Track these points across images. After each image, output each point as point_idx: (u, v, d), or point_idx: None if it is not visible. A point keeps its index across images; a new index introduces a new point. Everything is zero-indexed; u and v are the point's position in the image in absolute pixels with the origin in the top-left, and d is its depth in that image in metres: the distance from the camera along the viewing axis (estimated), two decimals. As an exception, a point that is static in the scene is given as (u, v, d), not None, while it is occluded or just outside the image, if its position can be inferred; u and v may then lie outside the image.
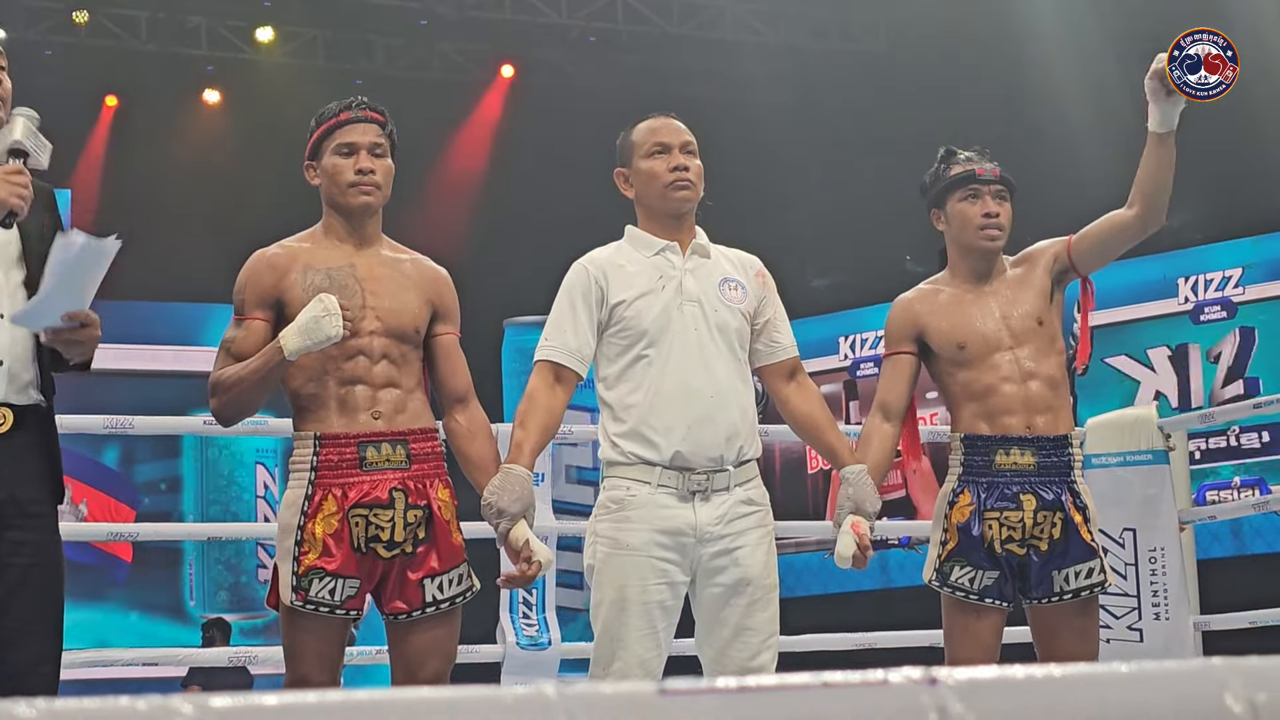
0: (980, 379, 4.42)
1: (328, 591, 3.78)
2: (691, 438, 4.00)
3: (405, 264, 4.03)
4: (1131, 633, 6.40)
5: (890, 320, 4.55)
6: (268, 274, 3.93)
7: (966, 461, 4.42)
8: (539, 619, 6.26)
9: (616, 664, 3.97)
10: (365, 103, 4.03)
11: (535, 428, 4.02)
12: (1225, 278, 11.70)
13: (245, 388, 3.84)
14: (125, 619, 13.32)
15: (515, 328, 12.44)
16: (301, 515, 3.81)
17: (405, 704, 1.16)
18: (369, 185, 3.95)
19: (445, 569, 3.87)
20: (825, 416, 4.25)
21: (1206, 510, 8.00)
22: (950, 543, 4.39)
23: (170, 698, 1.16)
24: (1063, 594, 4.39)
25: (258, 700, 1.15)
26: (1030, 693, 1.30)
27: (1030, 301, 4.46)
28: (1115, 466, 6.51)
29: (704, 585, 4.04)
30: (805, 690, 1.23)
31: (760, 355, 4.21)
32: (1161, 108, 4.27)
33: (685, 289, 4.09)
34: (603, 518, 4.06)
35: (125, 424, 5.73)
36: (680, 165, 4.12)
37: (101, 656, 6.12)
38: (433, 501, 3.87)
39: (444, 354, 4.02)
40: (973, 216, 4.47)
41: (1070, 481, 4.41)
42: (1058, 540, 4.37)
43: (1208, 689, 1.31)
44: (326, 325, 3.73)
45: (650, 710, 1.19)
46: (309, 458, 3.84)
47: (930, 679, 1.25)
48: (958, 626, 4.42)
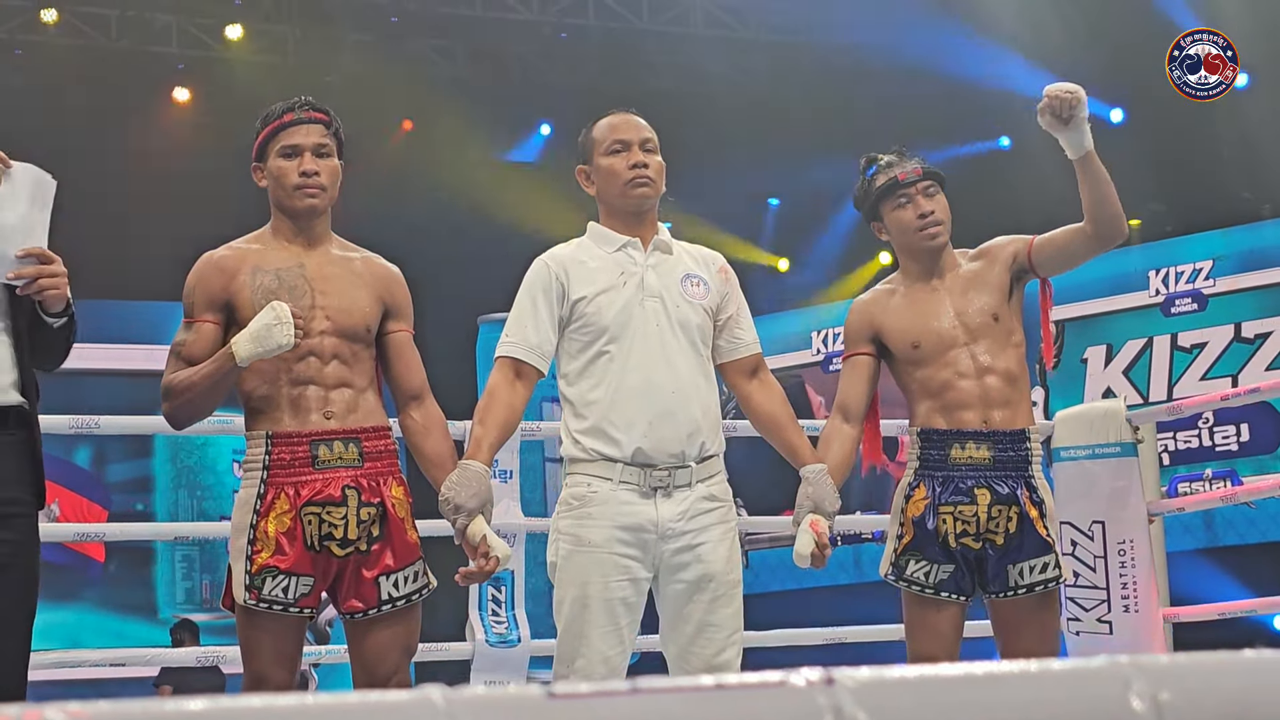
0: (936, 375, 4.43)
1: (281, 590, 3.77)
2: (653, 434, 4.00)
3: (355, 262, 4.02)
4: (1101, 625, 6.41)
5: (848, 323, 4.58)
6: (216, 276, 3.91)
7: (922, 455, 4.43)
8: (508, 616, 6.25)
9: (580, 661, 3.97)
10: (310, 103, 4.02)
11: (494, 424, 4.01)
12: (1196, 270, 11.73)
13: (197, 393, 3.84)
14: (98, 619, 13.27)
15: (489, 324, 12.41)
16: (254, 514, 3.80)
17: (293, 711, 1.15)
18: (314, 187, 3.94)
19: (400, 566, 3.86)
20: (787, 414, 4.25)
21: (1175, 502, 7.99)
22: (906, 537, 4.41)
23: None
24: (1017, 589, 4.40)
25: (128, 710, 1.15)
26: (929, 693, 1.29)
27: (986, 297, 4.47)
28: (1084, 459, 6.51)
29: (667, 582, 4.04)
30: (699, 692, 1.22)
31: (722, 351, 4.20)
32: (1066, 136, 4.31)
33: (647, 285, 4.09)
34: (564, 515, 4.05)
35: (91, 424, 5.70)
36: (640, 162, 4.12)
37: (71, 657, 6.09)
38: (386, 499, 3.86)
39: (397, 351, 4.01)
40: (909, 221, 4.48)
41: (1028, 476, 4.42)
42: (1013, 535, 4.38)
43: (1111, 688, 1.31)
44: (278, 333, 3.72)
45: (538, 714, 1.17)
46: (261, 457, 3.84)
47: (828, 680, 1.24)
48: (916, 621, 4.43)
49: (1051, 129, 4.31)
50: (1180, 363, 11.75)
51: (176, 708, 1.13)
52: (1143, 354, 11.91)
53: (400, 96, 13.51)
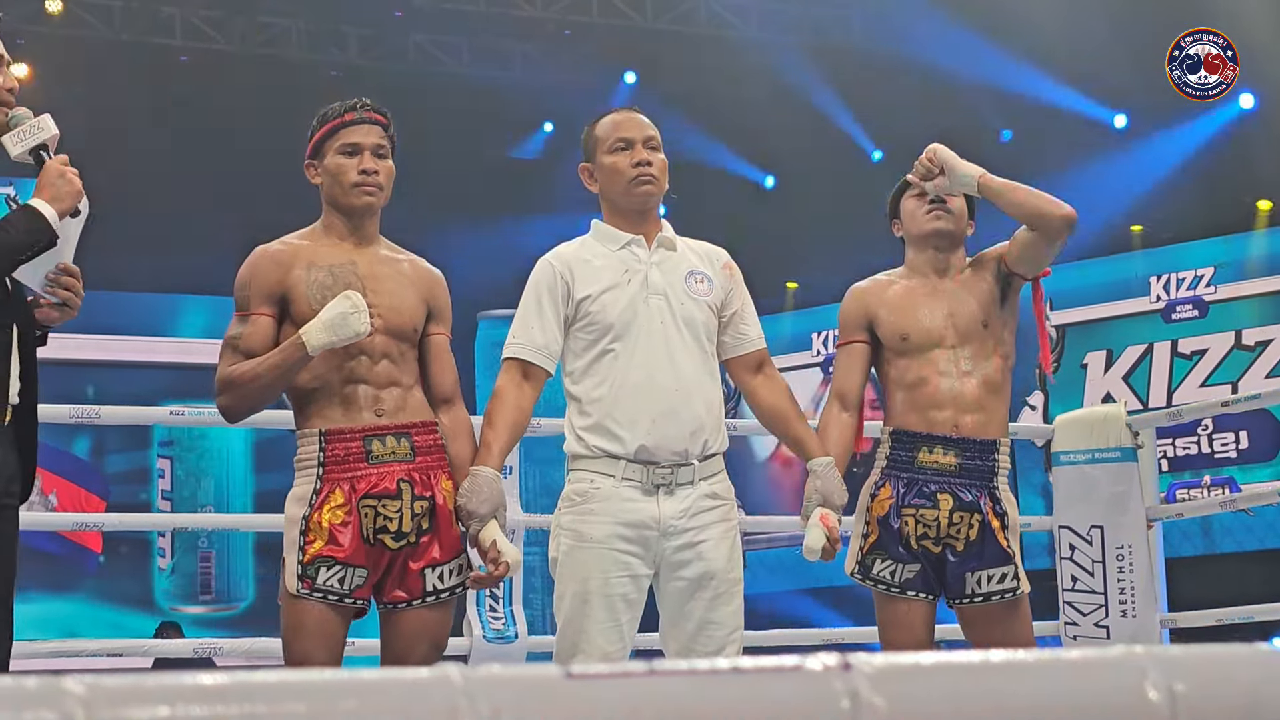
0: (915, 370, 4.46)
1: (336, 580, 3.79)
2: (656, 431, 4.00)
3: (403, 264, 4.03)
4: (1098, 630, 6.41)
5: (843, 309, 4.59)
6: (273, 269, 3.91)
7: (891, 455, 4.46)
8: (505, 612, 6.25)
9: (579, 656, 3.97)
10: (369, 104, 4.02)
11: (504, 426, 4.02)
12: (1197, 276, 11.73)
13: (263, 384, 3.84)
14: (94, 610, 13.27)
15: (489, 321, 12.42)
16: (308, 507, 3.81)
17: (310, 686, 1.15)
18: (372, 185, 3.95)
19: (446, 559, 3.88)
20: (792, 408, 4.25)
21: (1174, 508, 8.02)
22: (871, 535, 4.43)
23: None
24: (974, 597, 4.41)
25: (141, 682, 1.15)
26: (945, 680, 1.29)
27: (976, 302, 4.49)
28: (1083, 464, 6.52)
29: (668, 579, 4.03)
30: (715, 675, 1.22)
31: (727, 347, 4.21)
32: (954, 186, 4.46)
33: (651, 282, 4.09)
34: (566, 510, 4.06)
35: (92, 414, 5.70)
36: (643, 160, 4.12)
37: (67, 647, 6.08)
38: (437, 493, 3.88)
39: (435, 354, 4.03)
40: (919, 207, 4.52)
41: (992, 487, 4.43)
42: (973, 542, 4.39)
43: (1127, 677, 1.30)
44: (355, 321, 3.74)
45: (556, 694, 1.17)
46: (315, 454, 3.84)
47: (844, 665, 1.23)
48: (889, 619, 4.45)
49: (940, 190, 4.48)
50: (1180, 369, 11.75)
51: (194, 681, 1.14)
52: (1143, 360, 11.91)
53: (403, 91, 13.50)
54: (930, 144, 4.49)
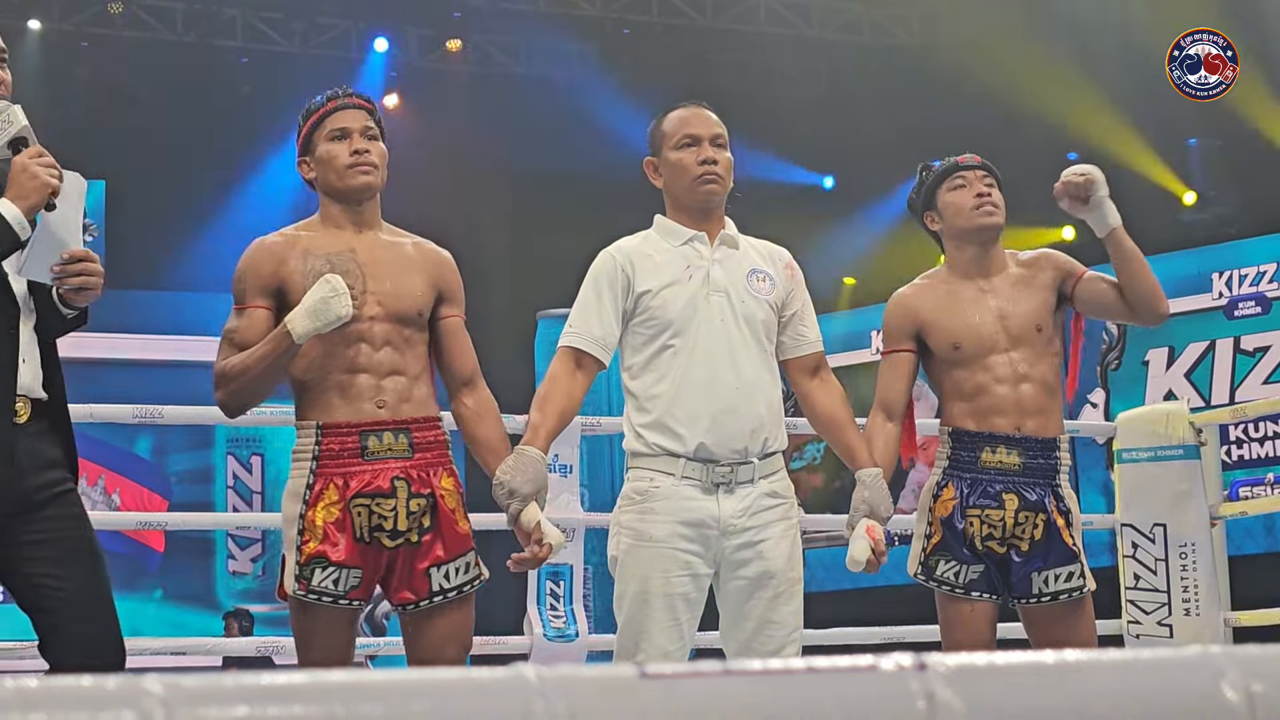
0: (972, 378, 4.41)
1: (330, 581, 3.76)
2: (716, 429, 3.99)
3: (407, 246, 3.99)
4: (1161, 628, 6.38)
5: (888, 317, 4.54)
6: (268, 261, 3.89)
7: (953, 456, 4.42)
8: (566, 610, 6.25)
9: (640, 655, 3.96)
10: (351, 90, 4.03)
11: (553, 411, 4.00)
12: (1260, 273, 11.63)
13: (252, 375, 3.80)
14: (157, 609, 13.37)
15: (548, 320, 12.43)
16: (303, 504, 3.78)
17: (385, 686, 1.16)
18: (366, 165, 3.91)
19: (451, 557, 3.83)
20: (846, 415, 4.22)
21: (1237, 506, 7.96)
22: (935, 537, 4.40)
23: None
24: (1041, 596, 4.38)
25: (219, 682, 1.16)
26: (1021, 680, 1.28)
27: (1030, 305, 4.44)
28: (1146, 461, 6.48)
29: (727, 578, 4.03)
30: (791, 675, 1.22)
31: (785, 348, 4.19)
32: (1089, 216, 4.37)
33: (712, 279, 4.08)
34: (626, 509, 4.05)
35: (155, 414, 5.74)
36: (709, 159, 4.10)
37: (132, 645, 6.11)
38: (436, 490, 3.83)
39: (450, 336, 3.98)
40: (965, 200, 4.47)
41: (1055, 485, 4.40)
42: (1039, 542, 4.36)
43: (1204, 678, 1.30)
44: (336, 305, 3.70)
45: (631, 693, 1.17)
46: (311, 447, 3.81)
47: (920, 665, 1.23)
48: (952, 619, 4.42)
49: (1073, 210, 4.38)
50: (1243, 366, 11.66)
51: (272, 681, 1.15)
52: (1205, 357, 11.83)
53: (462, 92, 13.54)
54: (1089, 165, 4.36)
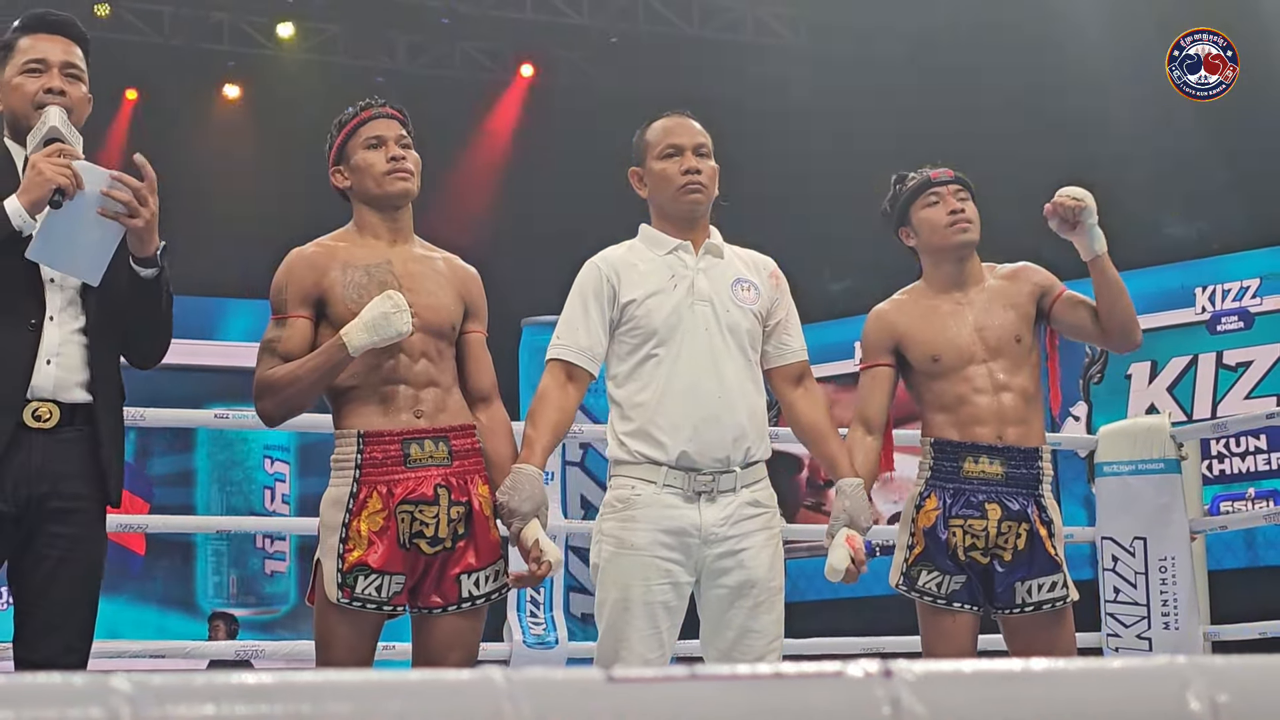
0: (952, 390, 4.43)
1: (374, 589, 3.77)
2: (698, 438, 3.99)
3: (438, 261, 4.03)
4: (1140, 641, 6.39)
5: (867, 332, 4.55)
6: (308, 272, 3.91)
7: (935, 466, 4.42)
8: (546, 618, 6.26)
9: (619, 663, 3.96)
10: (384, 100, 4.05)
11: (546, 426, 4.01)
12: (1243, 288, 11.66)
13: (303, 386, 3.82)
14: (137, 612, 13.34)
15: (533, 327, 12.43)
16: (346, 513, 3.80)
17: (354, 686, 1.16)
18: (404, 171, 3.95)
19: (483, 565, 3.86)
20: (829, 425, 4.23)
21: (1218, 520, 7.98)
22: (917, 547, 4.40)
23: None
24: (1024, 606, 4.38)
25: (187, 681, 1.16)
26: (986, 688, 1.29)
27: (1008, 316, 4.46)
28: (1127, 475, 6.50)
29: (709, 586, 4.03)
30: (758, 680, 1.22)
31: (769, 357, 4.20)
32: (1077, 240, 4.38)
33: (697, 288, 4.09)
34: (608, 517, 4.05)
35: (137, 416, 5.72)
36: (693, 168, 4.11)
37: (110, 648, 6.10)
38: (473, 498, 3.87)
39: (471, 352, 4.02)
40: (939, 217, 4.49)
41: (1038, 495, 4.41)
42: (1021, 551, 4.37)
43: (1170, 687, 1.30)
44: (397, 321, 3.74)
45: (599, 697, 1.18)
46: (353, 455, 3.83)
47: (885, 671, 1.23)
48: (933, 630, 4.42)
49: (1060, 232, 4.39)
50: (1225, 381, 11.69)
51: (240, 680, 1.15)
52: (1187, 371, 11.85)
53: (448, 97, 13.54)
54: (1082, 190, 4.37)
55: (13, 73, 3.74)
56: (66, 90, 3.71)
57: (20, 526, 3.57)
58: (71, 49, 3.79)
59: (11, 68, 3.74)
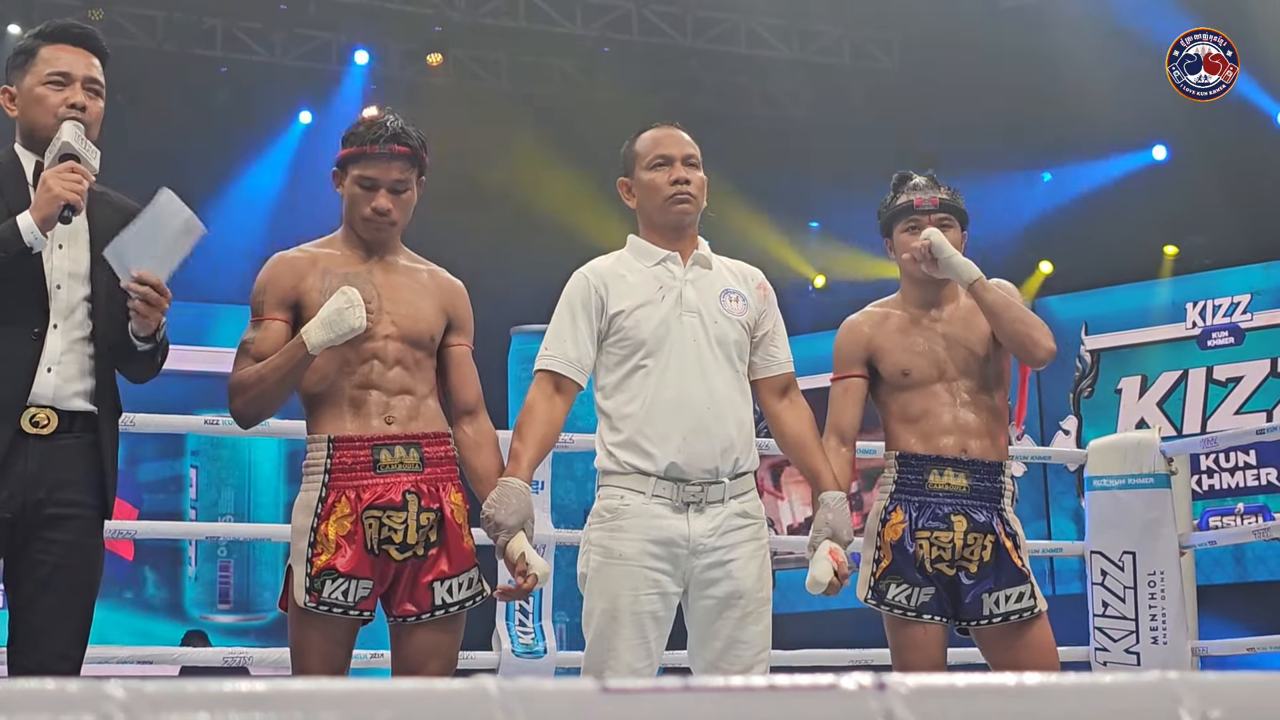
0: (918, 403, 4.47)
1: (341, 593, 3.78)
2: (687, 449, 4.00)
3: (422, 274, 4.05)
4: (1129, 656, 6.39)
5: (839, 344, 4.58)
6: (288, 275, 3.94)
7: (900, 480, 4.45)
8: (535, 627, 6.25)
9: (606, 673, 3.96)
10: (396, 135, 3.96)
11: (533, 439, 4.02)
12: (1234, 303, 11.69)
13: (267, 385, 3.84)
14: (125, 618, 13.31)
15: (521, 336, 12.43)
16: (315, 517, 3.81)
17: (346, 695, 1.16)
18: (383, 223, 3.96)
19: (455, 572, 3.87)
20: (813, 437, 4.25)
21: (1207, 535, 7.98)
22: (884, 560, 4.42)
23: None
24: (992, 617, 4.40)
25: (181, 688, 1.16)
26: (979, 702, 1.29)
27: (978, 335, 4.51)
28: (1117, 489, 6.50)
29: (696, 597, 4.03)
30: (752, 693, 1.22)
31: (755, 369, 4.20)
32: (949, 275, 4.44)
33: (685, 300, 4.09)
34: (596, 526, 4.05)
35: (127, 422, 5.70)
36: (681, 178, 4.12)
37: (98, 653, 6.08)
38: (445, 505, 3.87)
39: (455, 365, 4.04)
40: (910, 246, 4.51)
41: (1000, 509, 4.43)
42: (987, 563, 4.39)
43: (1162, 703, 1.30)
44: (350, 316, 3.75)
45: (592, 708, 1.18)
46: (323, 460, 3.85)
47: (879, 685, 1.24)
48: (904, 642, 4.43)
49: (932, 273, 4.46)
50: (1215, 396, 11.71)
51: (234, 688, 1.15)
52: (1178, 386, 11.87)
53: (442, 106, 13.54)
54: (929, 229, 4.46)
55: (34, 82, 3.74)
56: (88, 106, 3.72)
57: (16, 531, 3.58)
58: (93, 63, 3.80)
59: (32, 77, 3.74)
